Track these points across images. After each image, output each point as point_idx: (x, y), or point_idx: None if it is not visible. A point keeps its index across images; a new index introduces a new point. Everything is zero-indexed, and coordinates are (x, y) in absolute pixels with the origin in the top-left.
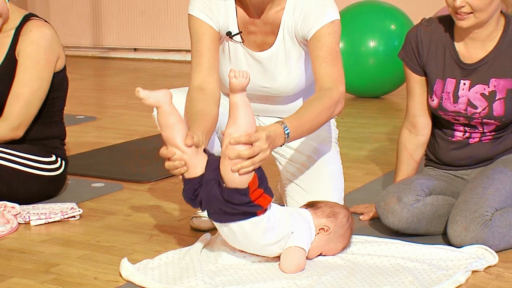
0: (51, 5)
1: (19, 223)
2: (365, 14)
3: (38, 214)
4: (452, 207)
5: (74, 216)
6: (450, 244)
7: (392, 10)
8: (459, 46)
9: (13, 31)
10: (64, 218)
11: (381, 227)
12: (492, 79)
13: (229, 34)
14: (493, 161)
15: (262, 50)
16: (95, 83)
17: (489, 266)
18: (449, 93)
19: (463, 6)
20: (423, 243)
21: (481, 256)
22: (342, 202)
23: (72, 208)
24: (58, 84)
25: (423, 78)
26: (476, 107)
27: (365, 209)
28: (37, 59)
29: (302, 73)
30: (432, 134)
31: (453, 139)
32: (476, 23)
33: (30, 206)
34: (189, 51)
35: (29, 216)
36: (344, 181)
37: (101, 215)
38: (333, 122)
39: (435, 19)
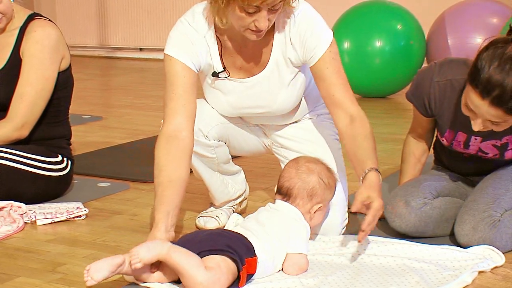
0: (57, 5)
1: (25, 223)
2: (371, 14)
3: (44, 213)
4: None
5: (80, 216)
6: (457, 243)
7: (398, 10)
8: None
9: (17, 31)
10: (70, 218)
11: (387, 228)
12: (504, 137)
13: (214, 75)
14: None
15: (252, 76)
16: (101, 82)
17: (496, 267)
18: (459, 141)
19: (482, 129)
20: (429, 244)
21: (487, 257)
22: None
23: (78, 207)
24: (63, 84)
25: (433, 118)
26: (487, 153)
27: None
28: (41, 59)
29: (299, 91)
30: (441, 146)
31: (464, 155)
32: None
33: (36, 206)
34: None
35: (35, 216)
36: (349, 181)
37: (107, 214)
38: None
39: (448, 70)
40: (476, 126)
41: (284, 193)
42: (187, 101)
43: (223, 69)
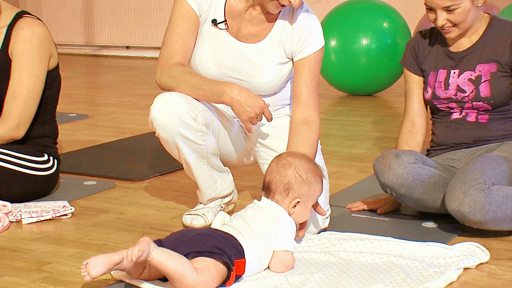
0: (43, 3)
1: (10, 222)
2: (358, 12)
3: (29, 212)
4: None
5: (66, 215)
6: (447, 211)
7: (384, 8)
8: (449, 40)
9: (5, 29)
10: (56, 217)
11: (373, 225)
12: (477, 65)
13: (214, 22)
14: (489, 145)
15: (246, 42)
16: (87, 81)
17: (481, 263)
18: (441, 82)
19: (445, 24)
20: (415, 241)
21: (472, 254)
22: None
23: (64, 206)
24: (51, 83)
25: (421, 79)
26: (464, 91)
27: (376, 204)
28: (31, 57)
29: (279, 78)
30: (433, 125)
31: (450, 119)
32: (461, 32)
33: (22, 205)
34: None
35: (20, 215)
36: (337, 179)
37: (93, 213)
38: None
39: (430, 27)
40: (439, 20)
41: (266, 188)
42: (190, 44)
43: (224, 20)
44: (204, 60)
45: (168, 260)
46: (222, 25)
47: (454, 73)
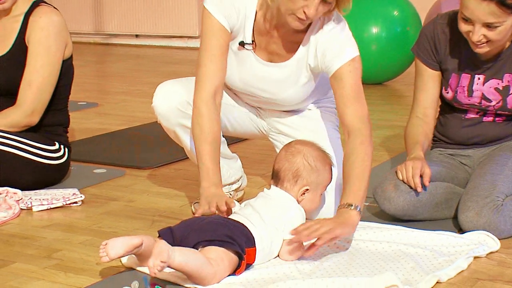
0: None
1: (21, 209)
2: (368, 0)
3: (40, 200)
4: (454, 194)
5: (76, 202)
6: (461, 229)
7: None
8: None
9: (22, 17)
10: (66, 204)
11: (382, 213)
12: (505, 75)
13: (242, 44)
14: (501, 143)
15: (272, 61)
16: (97, 69)
17: (491, 252)
18: (463, 87)
19: (481, 40)
20: (425, 229)
21: (483, 242)
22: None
23: (74, 194)
24: (65, 72)
25: (437, 72)
26: (490, 101)
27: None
28: (47, 45)
29: (307, 92)
30: (443, 114)
31: (466, 117)
32: (492, 48)
33: (32, 192)
34: (191, 37)
35: (31, 202)
36: None
37: (103, 201)
38: (335, 112)
39: (450, 15)
40: (475, 35)
41: (275, 176)
42: (223, 62)
43: (251, 42)
44: (230, 76)
45: (187, 263)
46: (249, 46)
47: (479, 79)
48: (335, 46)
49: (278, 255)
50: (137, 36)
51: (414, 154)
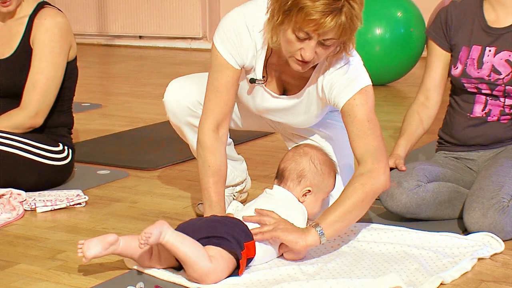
0: None
1: (25, 210)
2: (371, 2)
3: (44, 201)
4: (457, 194)
5: (80, 203)
6: (465, 230)
7: None
8: (488, 12)
9: (26, 19)
10: (70, 205)
11: (386, 214)
12: None
13: (252, 81)
14: (506, 146)
15: (283, 94)
16: (100, 70)
17: (495, 254)
18: (473, 59)
19: None
20: (429, 231)
21: (487, 244)
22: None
23: (78, 195)
24: (69, 74)
25: (446, 54)
26: (500, 73)
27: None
28: (52, 47)
29: (321, 116)
30: (449, 112)
31: (471, 115)
32: None
33: (36, 193)
34: (194, 38)
35: (35, 203)
36: None
37: (106, 202)
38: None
39: None
40: None
41: (279, 175)
42: (228, 99)
43: (262, 77)
44: (244, 102)
45: (182, 244)
46: (260, 81)
47: (490, 51)
48: (340, 81)
49: (281, 255)
50: (140, 37)
51: (395, 151)
